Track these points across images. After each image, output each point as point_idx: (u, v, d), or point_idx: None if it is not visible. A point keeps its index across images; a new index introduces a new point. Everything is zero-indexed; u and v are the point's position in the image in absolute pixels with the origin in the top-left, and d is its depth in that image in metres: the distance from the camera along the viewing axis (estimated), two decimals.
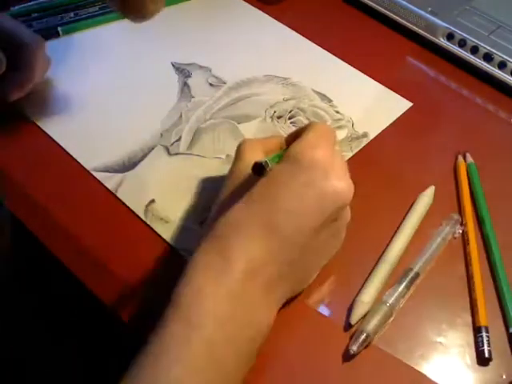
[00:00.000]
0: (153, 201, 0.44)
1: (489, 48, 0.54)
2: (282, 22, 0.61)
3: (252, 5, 0.62)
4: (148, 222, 0.43)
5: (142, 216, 0.43)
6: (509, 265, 0.41)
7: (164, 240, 0.42)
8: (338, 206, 0.35)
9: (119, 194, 0.44)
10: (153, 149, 0.48)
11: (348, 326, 0.38)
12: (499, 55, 0.54)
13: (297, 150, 0.35)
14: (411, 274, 0.40)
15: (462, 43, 0.56)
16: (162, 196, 0.45)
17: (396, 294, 0.38)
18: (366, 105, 0.52)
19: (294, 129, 0.50)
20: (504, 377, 0.37)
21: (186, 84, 0.53)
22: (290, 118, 0.51)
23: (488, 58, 0.54)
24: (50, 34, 0.57)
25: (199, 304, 0.31)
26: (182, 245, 0.41)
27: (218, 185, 0.45)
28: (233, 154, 0.47)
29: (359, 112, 0.52)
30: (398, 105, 0.53)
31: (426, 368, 0.37)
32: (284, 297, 0.36)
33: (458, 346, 0.38)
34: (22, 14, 0.58)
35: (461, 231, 0.44)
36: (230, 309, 0.31)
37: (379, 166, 0.48)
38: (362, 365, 0.36)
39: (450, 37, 0.57)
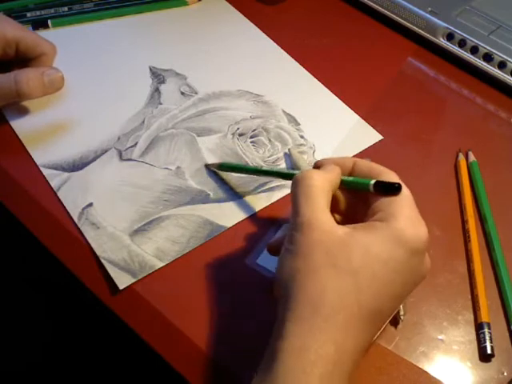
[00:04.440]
0: (90, 204, 0.44)
1: (489, 48, 0.54)
2: (281, 23, 0.61)
3: (247, 17, 0.61)
4: (79, 226, 0.42)
5: (76, 219, 0.43)
6: (510, 262, 0.42)
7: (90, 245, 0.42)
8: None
9: (60, 194, 0.44)
10: (106, 151, 0.48)
11: None
12: (499, 55, 0.54)
13: (400, 226, 0.32)
14: None
15: (462, 43, 0.56)
16: (101, 201, 0.44)
17: None
18: (335, 133, 0.50)
19: (252, 149, 0.49)
20: (505, 374, 0.37)
21: (157, 90, 0.53)
22: (251, 137, 0.49)
23: (488, 57, 0.54)
24: (41, 25, 0.58)
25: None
26: (105, 253, 0.41)
27: (158, 196, 0.44)
28: (183, 165, 0.47)
29: (325, 140, 0.50)
30: (368, 137, 0.50)
31: (428, 365, 0.37)
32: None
33: (459, 343, 0.38)
34: (19, 6, 0.59)
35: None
36: None
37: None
38: (364, 362, 0.36)
39: (450, 37, 0.57)
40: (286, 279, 0.32)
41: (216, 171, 0.46)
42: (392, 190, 0.33)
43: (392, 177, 0.35)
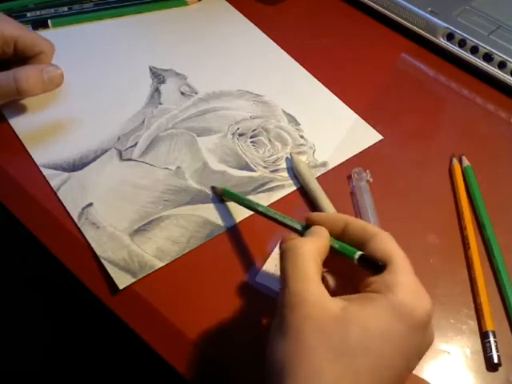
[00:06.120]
0: (90, 204, 0.44)
1: (489, 48, 0.55)
2: (281, 23, 0.61)
3: (247, 17, 0.61)
4: (79, 226, 0.42)
5: (76, 218, 0.43)
6: (511, 266, 0.42)
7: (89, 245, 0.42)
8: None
9: (60, 194, 0.44)
10: (106, 151, 0.48)
11: None
12: (499, 55, 0.54)
13: (399, 298, 0.29)
14: None
15: (462, 43, 0.56)
16: (101, 201, 0.44)
17: None
18: (335, 133, 0.50)
19: (252, 149, 0.49)
20: None
21: (157, 90, 0.53)
22: (251, 137, 0.49)
23: (488, 57, 0.55)
24: (41, 24, 0.58)
25: None
26: (105, 253, 0.41)
27: (158, 196, 0.44)
28: (183, 165, 0.47)
29: (325, 140, 0.50)
30: (368, 137, 0.50)
31: (434, 378, 0.37)
32: None
33: (465, 354, 0.38)
34: (19, 6, 0.59)
35: (370, 175, 0.46)
36: None
37: (376, 170, 0.47)
38: None
39: (450, 37, 0.57)
40: (276, 363, 0.29)
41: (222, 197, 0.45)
42: (375, 268, 0.31)
43: (386, 240, 0.32)
